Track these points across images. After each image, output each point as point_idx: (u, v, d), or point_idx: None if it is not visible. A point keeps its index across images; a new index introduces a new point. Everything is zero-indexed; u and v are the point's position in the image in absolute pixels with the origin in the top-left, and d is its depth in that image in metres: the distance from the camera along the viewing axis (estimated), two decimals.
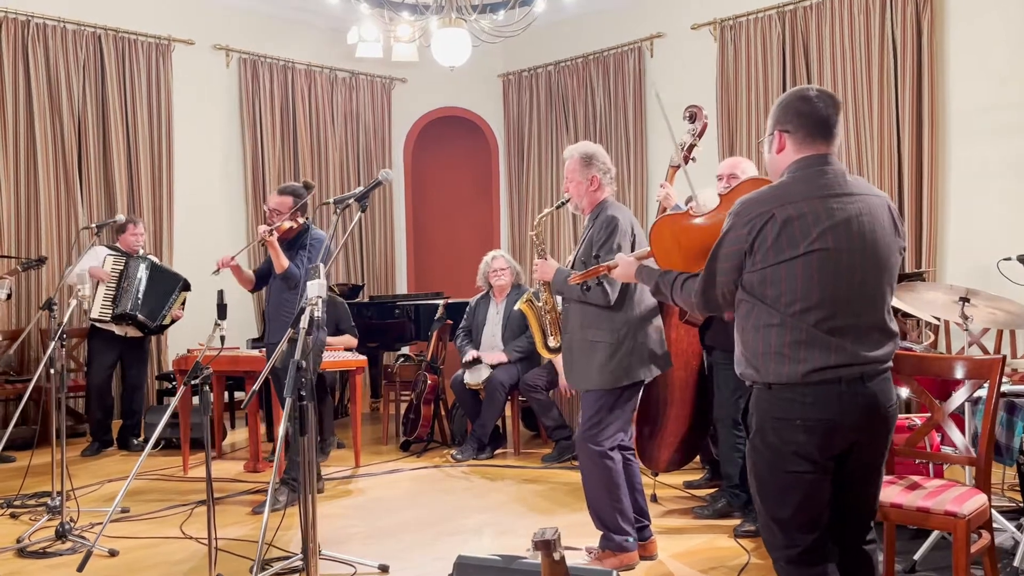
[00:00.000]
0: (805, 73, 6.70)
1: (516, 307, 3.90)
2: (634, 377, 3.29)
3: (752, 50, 6.99)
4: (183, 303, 5.93)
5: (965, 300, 3.32)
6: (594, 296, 3.25)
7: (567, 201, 3.50)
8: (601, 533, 3.39)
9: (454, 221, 9.15)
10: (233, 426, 6.68)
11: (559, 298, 3.54)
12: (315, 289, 2.49)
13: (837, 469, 2.15)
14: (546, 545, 1.60)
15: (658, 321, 3.41)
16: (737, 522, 3.86)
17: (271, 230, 4.28)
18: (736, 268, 2.16)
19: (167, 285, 5.77)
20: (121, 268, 5.67)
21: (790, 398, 2.10)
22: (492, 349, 5.69)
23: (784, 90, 6.93)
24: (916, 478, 2.84)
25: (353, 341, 5.82)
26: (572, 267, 3.43)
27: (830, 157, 2.18)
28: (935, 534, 3.26)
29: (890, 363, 2.16)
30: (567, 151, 3.50)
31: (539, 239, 3.60)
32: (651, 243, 2.46)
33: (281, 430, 2.42)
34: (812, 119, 2.16)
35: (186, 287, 5.90)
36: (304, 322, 2.44)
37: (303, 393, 2.32)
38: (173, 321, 5.93)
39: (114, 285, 5.66)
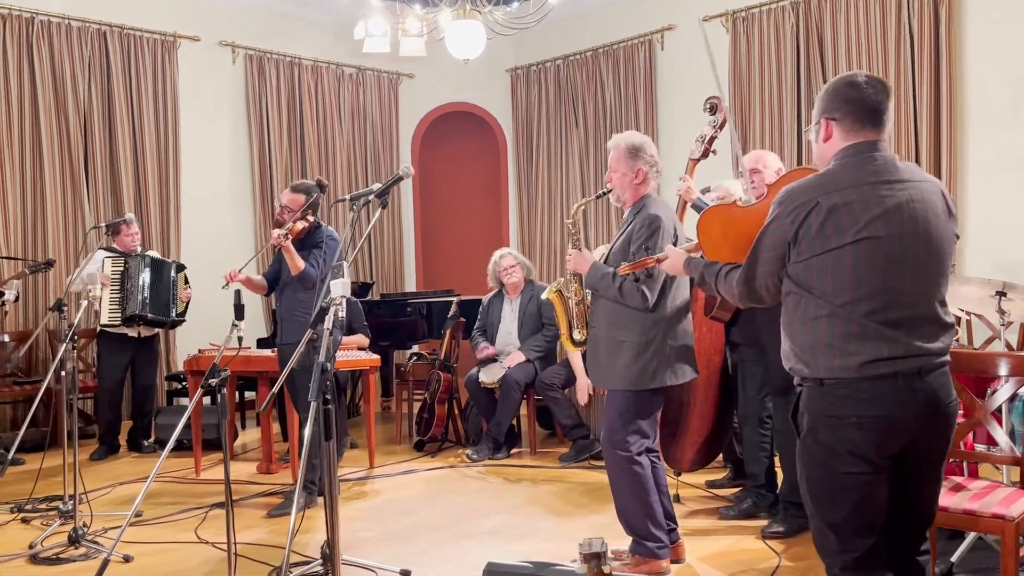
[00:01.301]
0: (820, 65, 6.60)
1: (544, 296, 3.79)
2: (660, 381, 3.19)
3: (765, 42, 6.89)
4: (186, 281, 5.83)
5: (1002, 294, 3.23)
6: (632, 299, 3.15)
7: (608, 192, 3.40)
8: (631, 538, 3.31)
9: (463, 217, 9.06)
10: (244, 426, 6.61)
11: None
12: (339, 288, 2.41)
13: (894, 469, 2.05)
14: (596, 557, 1.52)
15: (689, 325, 3.32)
16: (764, 523, 3.78)
17: (285, 233, 4.20)
18: (779, 259, 2.09)
19: (165, 276, 5.68)
20: (122, 270, 5.58)
21: (844, 395, 2.00)
22: (507, 347, 5.61)
23: (799, 83, 6.83)
24: (958, 479, 2.75)
25: (365, 340, 5.74)
26: (606, 261, 3.34)
27: (879, 144, 2.10)
28: (972, 535, 3.17)
29: (947, 356, 2.07)
30: (613, 140, 3.39)
31: (575, 228, 3.50)
32: (699, 234, 2.38)
33: (307, 434, 2.34)
34: (860, 106, 2.08)
35: (180, 268, 5.81)
36: (328, 322, 2.36)
37: (328, 396, 2.24)
38: (187, 303, 5.82)
39: (118, 288, 5.57)
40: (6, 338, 6.14)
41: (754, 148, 6.77)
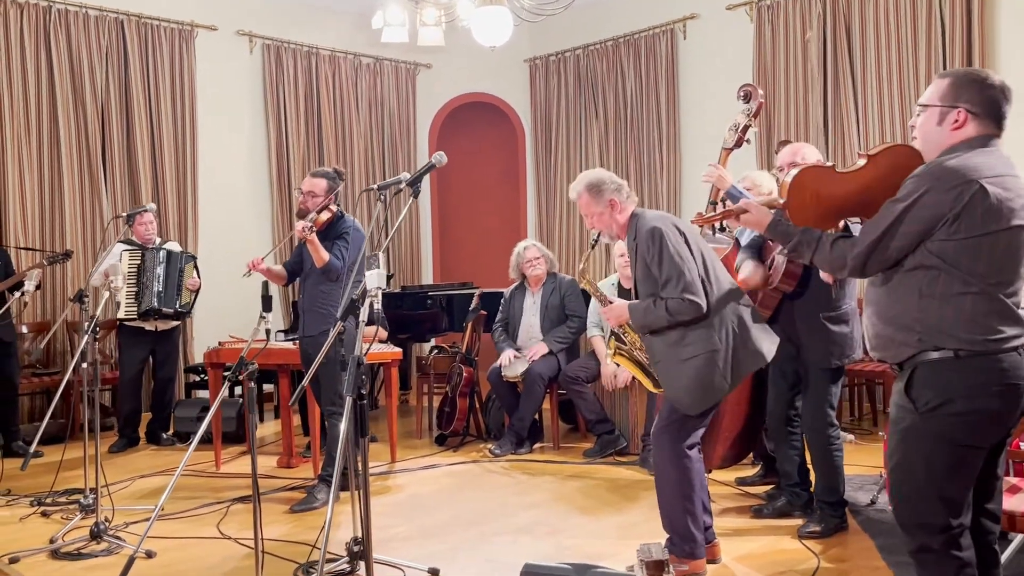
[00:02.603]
0: (848, 56, 6.47)
1: (609, 361, 3.74)
2: (748, 369, 3.12)
3: (791, 32, 6.77)
4: (195, 269, 5.77)
5: None
6: (683, 312, 3.02)
7: (599, 237, 3.33)
8: (666, 535, 3.21)
9: (480, 209, 8.98)
10: (262, 419, 6.55)
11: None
12: (375, 280, 2.33)
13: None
14: (660, 566, 1.43)
15: (747, 299, 3.20)
16: (798, 522, 3.68)
17: (310, 226, 4.12)
18: (923, 233, 2.11)
19: (175, 268, 5.62)
20: (138, 263, 5.54)
21: (983, 365, 2.09)
22: (530, 340, 5.52)
23: (825, 75, 6.68)
24: (1013, 479, 2.66)
25: (383, 333, 5.66)
26: (635, 296, 3.25)
27: (999, 142, 2.19)
28: (1020, 537, 3.07)
29: None
30: (572, 190, 3.30)
31: (593, 287, 3.53)
32: (789, 193, 2.30)
33: (342, 430, 2.26)
34: (995, 106, 2.18)
35: (189, 258, 5.76)
36: (363, 314, 2.28)
37: (363, 392, 2.16)
38: (194, 294, 5.76)
39: (134, 281, 5.52)
40: (24, 329, 6.10)
41: (778, 139, 6.65)
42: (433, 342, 7.24)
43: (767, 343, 3.16)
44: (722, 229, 2.63)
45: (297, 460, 5.15)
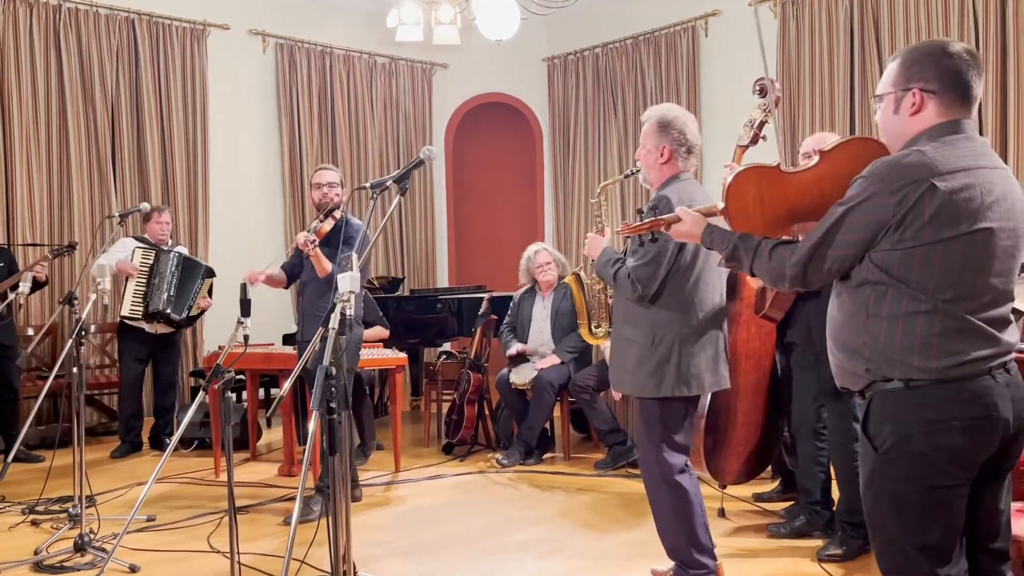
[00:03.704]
0: (876, 53, 6.21)
1: (563, 279, 3.51)
2: (667, 390, 2.82)
3: (816, 28, 6.52)
4: (209, 290, 5.66)
5: None
6: (623, 288, 2.84)
7: (637, 171, 3.08)
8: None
9: (497, 211, 8.81)
10: (269, 425, 6.42)
11: None
12: (347, 283, 2.15)
13: (975, 480, 1.84)
14: None
15: (717, 334, 2.92)
16: (818, 543, 3.46)
17: (314, 239, 3.98)
18: (866, 241, 1.81)
19: (192, 279, 5.51)
20: (151, 263, 5.42)
21: (943, 395, 1.78)
22: (540, 346, 5.33)
23: (852, 70, 6.44)
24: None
25: (384, 332, 5.50)
26: (624, 252, 3.05)
27: (970, 123, 1.86)
28: None
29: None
30: (646, 113, 3.04)
31: (598, 209, 3.21)
32: (728, 198, 2.00)
33: (309, 441, 2.10)
34: (960, 80, 1.83)
35: (209, 274, 5.64)
36: (335, 321, 2.11)
37: (333, 405, 1.98)
38: (202, 311, 5.66)
39: (144, 281, 5.41)
40: (30, 331, 6.01)
41: (803, 138, 6.41)
42: (448, 347, 7.08)
43: (708, 379, 2.87)
44: (652, 239, 2.30)
45: (299, 468, 5.00)
